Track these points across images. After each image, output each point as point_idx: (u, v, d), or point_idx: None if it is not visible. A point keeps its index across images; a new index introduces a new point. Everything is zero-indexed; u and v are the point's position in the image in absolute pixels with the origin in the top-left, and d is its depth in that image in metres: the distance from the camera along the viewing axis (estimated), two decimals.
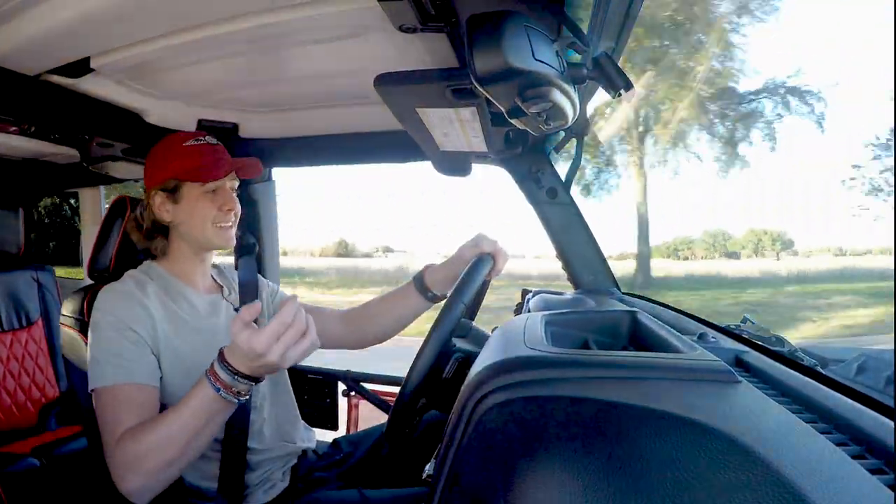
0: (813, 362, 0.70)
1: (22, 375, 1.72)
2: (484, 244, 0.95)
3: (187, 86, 1.14)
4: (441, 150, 1.14)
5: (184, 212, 0.94)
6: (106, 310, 0.86)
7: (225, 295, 1.03)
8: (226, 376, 0.70)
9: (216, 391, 0.70)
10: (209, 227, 0.94)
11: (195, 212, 0.93)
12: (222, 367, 0.70)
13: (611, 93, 0.70)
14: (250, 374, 0.70)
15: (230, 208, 0.95)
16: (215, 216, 0.94)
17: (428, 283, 1.04)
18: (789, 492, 0.31)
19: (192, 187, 0.93)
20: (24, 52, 0.89)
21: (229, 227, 0.96)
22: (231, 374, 0.69)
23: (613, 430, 0.40)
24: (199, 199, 0.93)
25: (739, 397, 0.45)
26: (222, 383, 0.70)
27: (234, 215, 0.97)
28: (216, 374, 0.70)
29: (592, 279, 1.25)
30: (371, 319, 1.11)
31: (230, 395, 0.70)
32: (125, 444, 0.73)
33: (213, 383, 0.70)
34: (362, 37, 0.85)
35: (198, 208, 0.93)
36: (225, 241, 0.97)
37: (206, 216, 0.93)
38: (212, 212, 0.94)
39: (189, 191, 0.93)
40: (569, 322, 0.71)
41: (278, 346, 0.67)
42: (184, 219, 0.94)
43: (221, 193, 0.95)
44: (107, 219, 1.04)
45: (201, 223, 0.94)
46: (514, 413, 0.45)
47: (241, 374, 0.69)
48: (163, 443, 0.71)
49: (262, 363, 0.68)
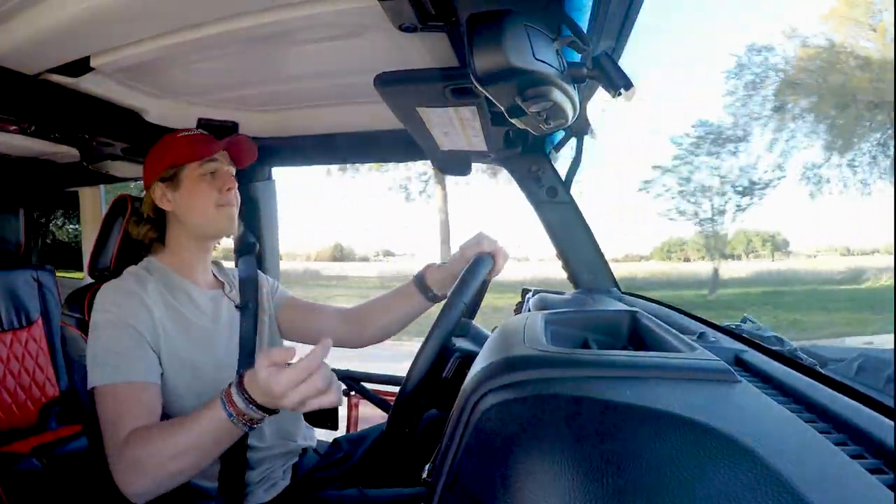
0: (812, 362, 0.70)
1: (22, 375, 1.72)
2: (484, 243, 0.95)
3: (187, 85, 1.14)
4: (441, 149, 1.14)
5: (184, 196, 0.94)
6: (105, 308, 0.86)
7: (226, 291, 1.03)
8: (241, 403, 0.68)
9: (228, 416, 0.68)
10: (211, 209, 0.94)
11: (196, 194, 0.94)
12: (239, 392, 0.68)
13: (611, 92, 0.70)
14: (266, 405, 0.68)
15: (230, 187, 0.96)
16: (217, 197, 0.95)
17: (428, 283, 1.04)
18: (788, 491, 0.31)
19: (190, 170, 0.94)
20: (24, 51, 0.89)
21: (231, 207, 0.97)
22: (246, 402, 0.68)
23: (613, 429, 0.40)
24: (199, 182, 0.94)
25: (739, 397, 0.45)
26: (236, 409, 0.68)
27: (235, 197, 0.97)
28: (231, 400, 0.68)
29: (592, 278, 1.25)
30: (371, 318, 1.11)
31: (242, 422, 0.69)
32: (131, 447, 0.73)
33: (226, 408, 0.68)
34: (362, 36, 0.85)
35: (198, 191, 0.94)
36: (228, 223, 0.96)
37: (207, 198, 0.94)
38: (212, 193, 0.94)
39: (188, 174, 0.94)
40: (568, 321, 0.71)
41: (295, 394, 0.64)
42: (185, 204, 0.94)
43: (220, 175, 0.96)
44: (107, 218, 1.04)
45: (203, 206, 0.94)
46: (513, 412, 0.45)
47: (256, 405, 0.68)
48: (169, 455, 0.71)
49: (277, 403, 0.66)
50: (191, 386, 0.88)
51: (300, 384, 0.64)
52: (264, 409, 0.68)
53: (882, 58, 10.02)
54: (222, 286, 1.04)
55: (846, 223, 17.38)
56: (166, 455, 0.71)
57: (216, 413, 0.69)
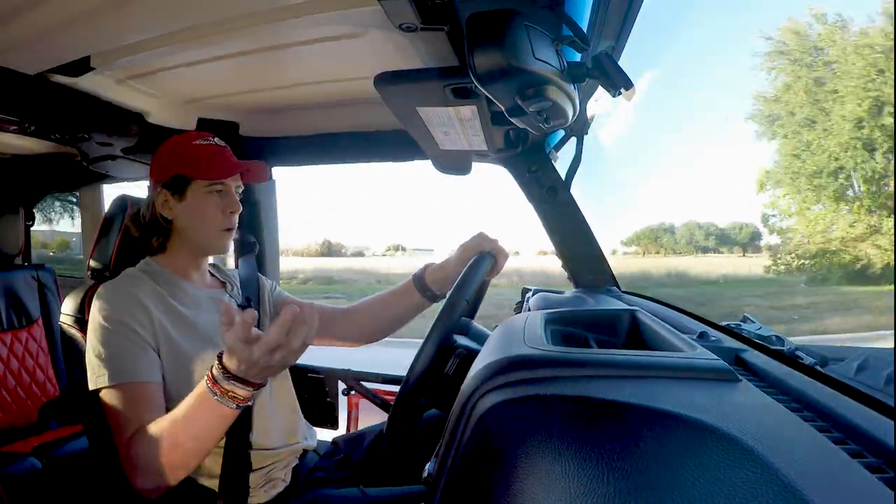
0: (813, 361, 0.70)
1: (22, 375, 1.72)
2: (484, 243, 0.95)
3: (187, 84, 1.14)
4: (441, 148, 1.14)
5: (189, 210, 0.94)
6: (104, 308, 0.86)
7: (228, 290, 1.04)
8: (225, 382, 0.69)
9: (215, 397, 0.70)
10: (213, 232, 0.95)
11: (200, 212, 0.93)
12: (221, 373, 0.69)
13: (611, 91, 0.70)
14: (250, 378, 0.69)
15: (234, 210, 0.95)
16: (221, 221, 0.94)
17: (428, 282, 1.04)
18: (788, 490, 0.31)
19: (198, 185, 0.93)
20: (25, 51, 0.89)
21: (231, 232, 0.97)
22: (229, 379, 0.69)
23: (613, 428, 0.40)
24: (206, 199, 0.93)
25: (739, 396, 0.45)
26: (221, 389, 0.69)
27: (236, 219, 0.97)
28: (215, 382, 0.70)
29: (592, 277, 1.25)
30: (371, 317, 1.11)
31: (225, 398, 0.70)
32: (135, 446, 0.75)
33: (212, 390, 0.70)
34: (362, 36, 0.85)
35: (203, 208, 0.93)
36: (226, 246, 0.97)
37: (213, 218, 0.94)
38: (217, 215, 0.94)
39: (196, 189, 0.93)
40: (568, 320, 0.71)
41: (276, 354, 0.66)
42: (188, 218, 0.94)
43: (227, 194, 0.95)
44: (107, 218, 1.04)
45: (206, 226, 0.94)
46: (513, 412, 0.45)
47: (240, 380, 0.69)
48: (171, 448, 0.73)
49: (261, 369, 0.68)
50: (192, 384, 0.88)
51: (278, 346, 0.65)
52: (249, 382, 0.69)
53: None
54: (224, 286, 1.04)
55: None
56: (168, 448, 0.73)
57: (204, 399, 0.71)
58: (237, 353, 0.67)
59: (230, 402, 0.70)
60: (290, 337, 0.66)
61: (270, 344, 0.65)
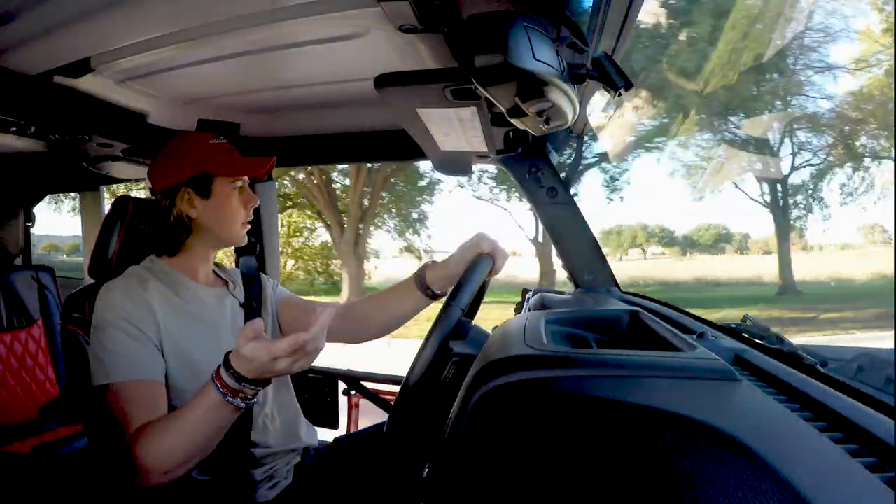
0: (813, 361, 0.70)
1: (22, 375, 1.72)
2: (483, 244, 0.95)
3: (187, 85, 1.14)
4: (441, 149, 1.14)
5: (215, 207, 0.95)
6: (108, 307, 0.86)
7: (230, 289, 1.04)
8: (232, 381, 0.70)
9: (222, 396, 0.71)
10: (238, 225, 0.98)
11: (228, 208, 0.96)
12: (228, 372, 0.70)
13: (610, 92, 0.70)
14: (255, 378, 0.70)
15: (253, 204, 1.00)
16: (244, 215, 0.98)
17: (428, 282, 1.04)
18: (788, 490, 0.31)
19: (223, 182, 0.95)
20: (25, 52, 0.89)
21: (248, 225, 1.01)
22: (236, 379, 0.70)
23: (613, 428, 0.40)
24: (231, 195, 0.96)
25: (739, 396, 0.45)
26: (228, 388, 0.70)
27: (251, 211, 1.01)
28: (222, 381, 0.71)
29: (592, 278, 1.25)
30: (371, 315, 1.11)
31: (236, 399, 0.71)
32: (141, 444, 0.75)
33: (219, 389, 0.71)
34: (362, 37, 0.85)
35: (230, 205, 0.96)
36: (244, 240, 1.01)
37: (238, 214, 0.97)
38: (241, 210, 0.98)
39: (221, 186, 0.95)
40: (569, 321, 0.71)
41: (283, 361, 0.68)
42: (214, 215, 0.96)
43: (246, 190, 0.99)
44: (107, 218, 1.04)
45: (232, 221, 0.97)
46: (513, 411, 0.45)
47: (247, 380, 0.70)
48: (176, 446, 0.73)
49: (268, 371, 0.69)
50: (195, 381, 0.88)
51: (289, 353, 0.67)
52: (254, 381, 0.71)
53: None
54: (226, 284, 1.05)
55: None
56: (173, 446, 0.73)
57: (210, 396, 0.72)
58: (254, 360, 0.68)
59: (237, 399, 0.71)
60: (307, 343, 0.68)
61: (289, 350, 0.67)
